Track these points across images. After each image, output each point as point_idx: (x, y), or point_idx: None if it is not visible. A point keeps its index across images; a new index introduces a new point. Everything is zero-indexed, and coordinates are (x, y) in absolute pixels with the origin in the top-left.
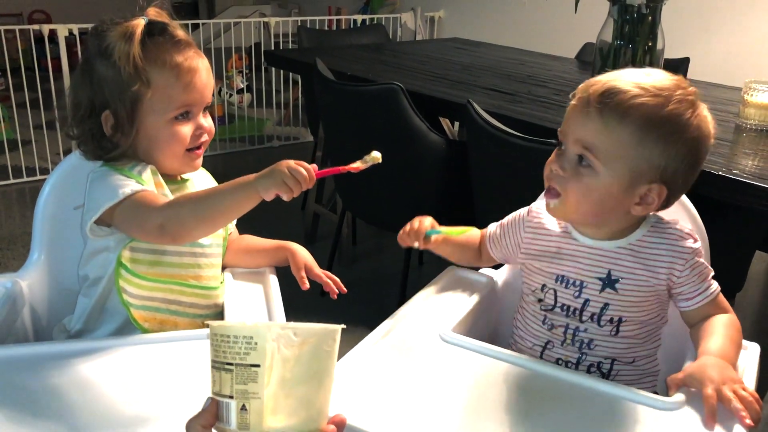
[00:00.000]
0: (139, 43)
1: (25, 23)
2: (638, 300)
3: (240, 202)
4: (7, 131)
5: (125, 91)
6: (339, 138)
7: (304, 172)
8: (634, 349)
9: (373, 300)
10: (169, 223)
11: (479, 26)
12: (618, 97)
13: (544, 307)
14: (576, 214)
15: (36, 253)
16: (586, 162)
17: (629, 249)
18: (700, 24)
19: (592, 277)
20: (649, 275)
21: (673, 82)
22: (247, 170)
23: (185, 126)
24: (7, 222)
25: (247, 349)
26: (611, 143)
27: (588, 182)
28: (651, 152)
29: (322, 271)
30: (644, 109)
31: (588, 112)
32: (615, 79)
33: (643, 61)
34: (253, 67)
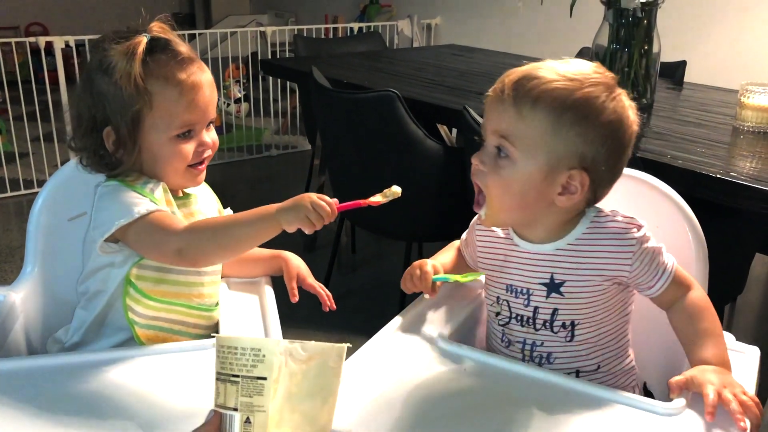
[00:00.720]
0: (140, 62)
1: (22, 36)
2: (587, 301)
3: (261, 234)
4: (5, 144)
5: (127, 110)
6: (336, 146)
7: (327, 207)
8: (596, 354)
9: (373, 308)
10: (188, 249)
11: (476, 33)
12: (531, 83)
13: (501, 321)
14: (502, 211)
15: (30, 265)
16: (504, 153)
17: (568, 250)
18: (696, 27)
19: (537, 283)
20: (593, 275)
21: (589, 67)
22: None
23: (188, 143)
24: (4, 235)
25: (254, 361)
26: (526, 130)
27: (507, 174)
28: (567, 137)
29: (316, 283)
30: (557, 93)
31: (502, 101)
32: (530, 68)
33: (639, 65)
34: (251, 76)
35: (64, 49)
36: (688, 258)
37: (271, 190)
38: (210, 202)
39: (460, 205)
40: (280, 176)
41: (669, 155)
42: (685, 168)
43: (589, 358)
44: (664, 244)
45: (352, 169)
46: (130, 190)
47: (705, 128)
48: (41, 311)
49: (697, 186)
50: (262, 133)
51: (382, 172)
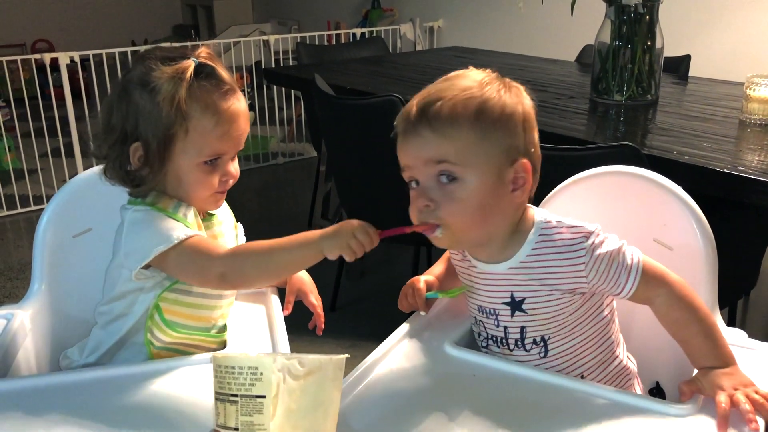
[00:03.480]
0: (187, 87)
1: (28, 53)
2: (551, 316)
3: (303, 261)
4: (13, 161)
5: (161, 130)
6: (341, 152)
7: (367, 234)
8: (576, 365)
9: (382, 313)
10: (231, 274)
11: (478, 34)
12: (436, 106)
13: (482, 342)
14: (464, 233)
15: (37, 283)
16: (448, 176)
17: (522, 267)
18: (699, 21)
19: (500, 302)
20: (550, 290)
21: (473, 72)
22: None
23: (213, 172)
24: (16, 251)
25: (252, 380)
26: (457, 146)
27: (461, 195)
28: (495, 137)
29: (317, 301)
30: (465, 104)
31: (419, 133)
32: (426, 93)
33: (642, 61)
34: (255, 85)
35: (70, 65)
36: (696, 255)
37: (278, 197)
38: (228, 217)
39: None
40: (288, 184)
41: (675, 151)
42: (692, 164)
43: (569, 370)
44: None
45: (358, 175)
46: (164, 216)
47: (711, 122)
48: (50, 328)
49: (705, 181)
50: (269, 142)
51: (387, 178)
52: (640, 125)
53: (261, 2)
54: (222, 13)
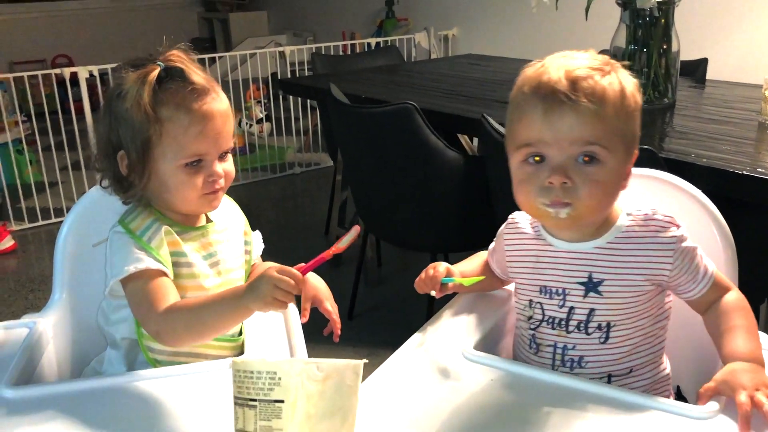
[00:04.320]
0: (150, 91)
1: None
2: (625, 301)
3: (231, 320)
4: (35, 174)
5: (137, 136)
6: (356, 161)
7: (289, 280)
8: (629, 358)
9: (400, 321)
10: (163, 333)
11: (493, 41)
12: (590, 83)
13: (532, 324)
14: (590, 215)
15: (58, 292)
16: (589, 157)
17: (608, 248)
18: (716, 23)
19: (574, 282)
20: (633, 274)
21: (597, 55)
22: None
23: (197, 174)
24: (37, 263)
25: (270, 384)
26: (608, 127)
27: (600, 178)
28: (632, 122)
29: (334, 307)
30: (611, 86)
31: (575, 108)
32: (567, 69)
33: (659, 65)
34: (271, 96)
35: (89, 79)
36: (716, 259)
37: (295, 207)
38: (234, 224)
39: (484, 215)
40: (305, 194)
41: (693, 154)
42: (711, 166)
43: (622, 362)
44: None
45: (374, 184)
46: (128, 239)
47: (729, 125)
48: (71, 337)
49: (724, 184)
50: (285, 152)
51: (403, 185)
52: (658, 129)
53: (276, 14)
54: (238, 25)
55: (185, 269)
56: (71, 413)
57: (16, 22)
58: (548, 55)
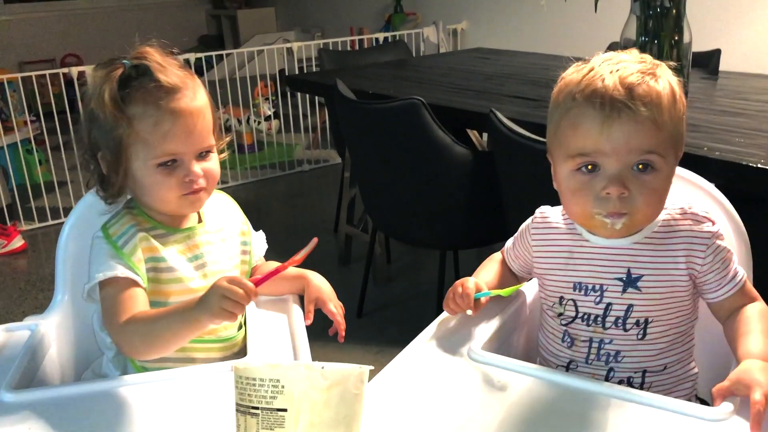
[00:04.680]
0: (113, 89)
1: (58, 67)
2: (663, 296)
3: (184, 332)
4: (44, 174)
5: (108, 135)
6: (364, 157)
7: (238, 290)
8: (664, 355)
9: (409, 319)
10: (123, 344)
11: (502, 35)
12: (644, 88)
13: (564, 321)
14: (644, 222)
15: (60, 293)
16: (647, 167)
17: (646, 243)
18: (728, 13)
19: (612, 278)
20: (671, 267)
21: (640, 56)
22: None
23: (172, 174)
24: (47, 263)
25: (273, 392)
26: (664, 134)
27: (656, 186)
28: (681, 123)
29: (337, 308)
30: (663, 90)
31: (633, 117)
32: (620, 73)
33: (670, 56)
34: (279, 93)
35: None
36: None
37: (304, 205)
38: (230, 224)
39: (493, 210)
40: (313, 191)
41: (706, 147)
42: (724, 159)
43: (657, 358)
44: None
45: (382, 180)
46: (107, 247)
47: (743, 117)
48: (73, 339)
49: (738, 177)
50: (294, 149)
51: (411, 181)
52: None
53: (284, 11)
54: (246, 22)
55: (166, 274)
56: (72, 417)
57: (25, 22)
58: (557, 48)
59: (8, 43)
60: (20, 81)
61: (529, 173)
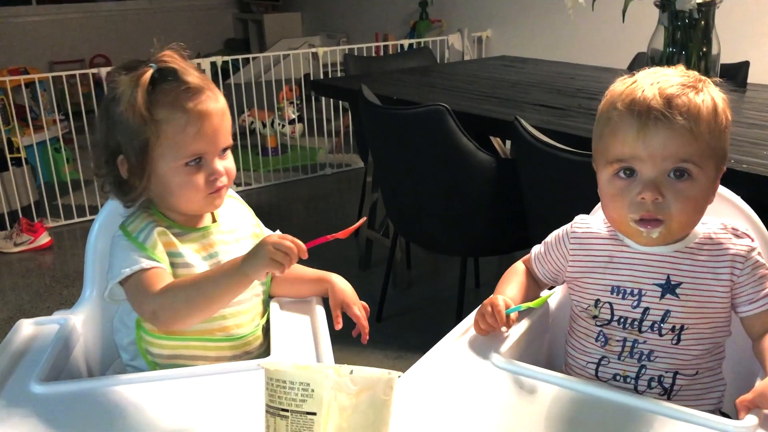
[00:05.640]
0: (145, 92)
1: (87, 68)
2: (701, 305)
3: (231, 289)
4: (71, 172)
5: (134, 139)
6: (387, 162)
7: (289, 244)
8: (697, 361)
9: (429, 325)
10: (161, 311)
11: (527, 43)
12: (682, 100)
13: (599, 323)
14: (680, 230)
15: (88, 289)
16: (682, 175)
17: (687, 252)
18: (757, 26)
19: (651, 283)
20: (710, 278)
21: (686, 71)
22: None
23: (197, 173)
24: (72, 260)
25: (303, 396)
26: (702, 145)
27: (691, 194)
28: (724, 138)
29: (361, 311)
30: (705, 104)
31: (671, 125)
32: (660, 85)
33: (698, 67)
34: (304, 97)
35: None
36: None
37: (326, 208)
38: (243, 225)
39: (516, 219)
40: (335, 194)
41: (733, 159)
42: (751, 172)
43: (690, 364)
44: None
45: (404, 186)
46: (126, 242)
47: None
48: (100, 334)
49: (764, 191)
50: (317, 153)
51: (434, 187)
52: None
53: (310, 16)
54: (272, 26)
55: (183, 269)
56: (99, 410)
57: (55, 23)
58: (582, 57)
59: (39, 42)
60: (51, 80)
61: (552, 182)
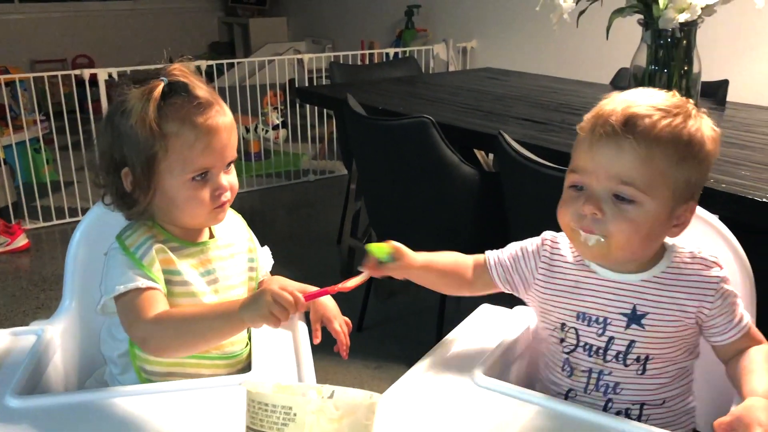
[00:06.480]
0: (155, 107)
1: (69, 68)
2: (667, 336)
3: (224, 332)
4: (51, 173)
5: (142, 153)
6: (371, 172)
7: (289, 297)
8: (664, 390)
9: (410, 335)
10: (151, 340)
11: (512, 55)
12: (644, 122)
13: (566, 348)
14: (623, 252)
15: (68, 299)
16: (626, 197)
17: (655, 282)
18: (738, 45)
19: (616, 313)
20: (676, 309)
21: (675, 97)
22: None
23: (203, 187)
24: (51, 263)
25: (285, 419)
26: (652, 171)
27: (634, 217)
28: (689, 171)
29: (342, 326)
30: (670, 130)
31: (619, 144)
32: (629, 104)
33: (679, 86)
34: (288, 103)
35: (108, 80)
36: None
37: (308, 215)
38: (239, 240)
39: (498, 231)
40: (318, 201)
41: (712, 179)
42: (729, 192)
43: (656, 393)
44: None
45: (388, 196)
46: (123, 257)
47: (749, 149)
48: (78, 346)
49: (742, 210)
50: (300, 159)
51: (418, 199)
52: None
53: (296, 21)
54: (258, 31)
55: (180, 287)
56: (75, 425)
57: (38, 22)
58: (566, 72)
59: (21, 41)
60: (32, 80)
61: (535, 196)
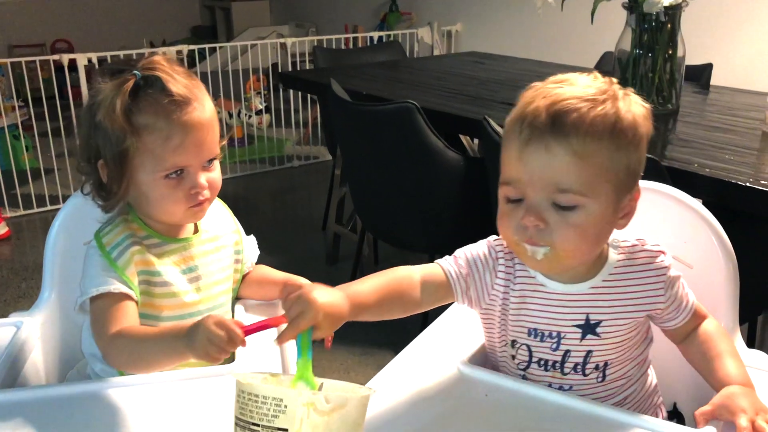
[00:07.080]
0: (125, 101)
1: (48, 53)
2: (622, 339)
3: (171, 360)
4: (30, 160)
5: (114, 146)
6: (356, 158)
7: (223, 335)
8: (625, 388)
9: (394, 322)
10: (109, 356)
11: (497, 39)
12: (573, 117)
13: (520, 365)
14: (570, 259)
15: (47, 290)
16: (566, 205)
17: (604, 287)
18: (722, 29)
19: (570, 325)
20: (631, 310)
21: (597, 79)
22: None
23: (178, 185)
24: (31, 251)
25: (275, 411)
26: (589, 170)
27: (579, 223)
28: (627, 157)
29: None
30: (605, 119)
31: (550, 148)
32: (552, 100)
33: (663, 70)
34: (271, 87)
35: (87, 66)
36: (717, 273)
37: (293, 201)
38: (226, 233)
39: (483, 216)
40: (303, 187)
41: (696, 163)
42: (713, 176)
43: (617, 394)
44: (693, 261)
45: (373, 182)
46: (100, 259)
47: (733, 134)
48: (59, 338)
49: (726, 195)
50: (284, 144)
51: (402, 184)
52: (660, 136)
53: (279, 5)
54: (240, 14)
55: (160, 288)
56: (57, 419)
57: (15, 5)
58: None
59: None
60: (9, 65)
61: None
